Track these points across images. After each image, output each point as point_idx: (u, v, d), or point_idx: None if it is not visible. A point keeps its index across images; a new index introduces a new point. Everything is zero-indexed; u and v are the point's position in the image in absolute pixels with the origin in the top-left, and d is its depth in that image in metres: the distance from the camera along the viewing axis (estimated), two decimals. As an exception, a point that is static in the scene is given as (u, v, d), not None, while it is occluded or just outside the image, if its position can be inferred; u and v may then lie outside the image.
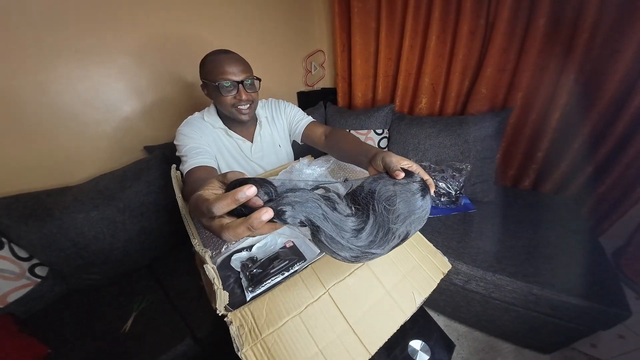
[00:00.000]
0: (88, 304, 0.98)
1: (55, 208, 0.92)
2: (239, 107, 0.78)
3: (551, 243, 1.05)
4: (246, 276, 0.47)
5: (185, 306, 0.94)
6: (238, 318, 0.40)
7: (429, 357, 0.63)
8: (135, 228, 1.04)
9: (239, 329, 0.39)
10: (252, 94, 0.80)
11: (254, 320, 0.40)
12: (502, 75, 1.30)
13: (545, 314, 0.93)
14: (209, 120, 0.85)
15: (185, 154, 0.74)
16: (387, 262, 0.52)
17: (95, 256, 0.98)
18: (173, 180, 0.62)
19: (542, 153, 1.33)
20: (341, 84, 1.82)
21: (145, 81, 1.20)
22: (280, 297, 0.43)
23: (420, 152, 1.36)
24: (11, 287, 0.90)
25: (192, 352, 0.85)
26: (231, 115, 0.81)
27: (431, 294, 0.52)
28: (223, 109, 0.80)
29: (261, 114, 0.94)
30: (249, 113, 0.82)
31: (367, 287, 0.48)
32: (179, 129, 0.80)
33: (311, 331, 0.41)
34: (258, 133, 0.92)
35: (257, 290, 0.45)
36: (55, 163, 1.04)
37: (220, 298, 0.37)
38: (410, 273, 0.52)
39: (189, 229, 0.43)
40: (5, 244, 0.90)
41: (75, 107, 1.04)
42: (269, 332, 0.39)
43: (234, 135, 0.88)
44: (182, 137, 0.77)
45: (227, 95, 0.75)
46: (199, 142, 0.77)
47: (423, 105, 1.53)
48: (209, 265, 0.35)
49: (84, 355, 0.80)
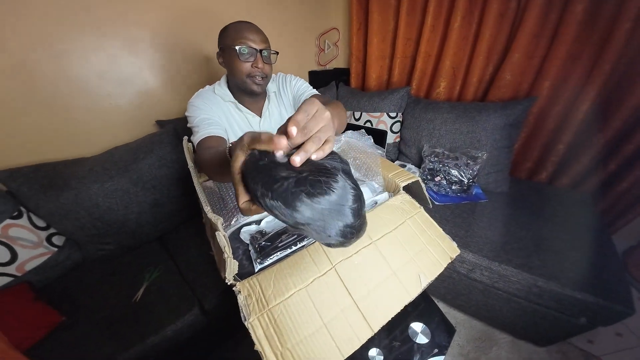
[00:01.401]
0: (101, 274, 1.02)
1: (72, 178, 0.94)
2: (254, 76, 0.78)
3: (561, 237, 1.03)
4: (255, 248, 0.47)
5: (194, 278, 0.98)
6: (246, 288, 0.41)
7: (428, 340, 0.64)
8: (147, 200, 1.07)
9: (246, 298, 0.40)
10: (268, 66, 0.80)
11: (261, 291, 0.41)
12: (530, 62, 1.22)
13: (548, 307, 0.93)
14: (219, 93, 0.85)
15: (196, 125, 0.74)
16: (394, 242, 0.52)
17: (109, 227, 1.01)
18: (185, 150, 0.63)
19: (563, 146, 1.27)
20: (355, 65, 1.76)
21: (159, 55, 1.19)
22: (287, 269, 0.44)
23: (435, 138, 1.32)
24: (29, 256, 0.94)
25: (199, 322, 0.89)
26: (243, 86, 0.80)
27: (433, 280, 0.52)
28: (237, 77, 0.79)
29: (270, 88, 0.92)
30: (262, 85, 0.82)
31: (373, 266, 0.48)
32: (190, 100, 0.80)
33: (317, 305, 0.42)
34: (267, 108, 0.91)
35: (266, 262, 0.45)
36: (72, 134, 1.07)
37: (230, 267, 0.38)
38: (417, 255, 0.52)
39: (201, 197, 0.43)
40: (24, 213, 0.93)
41: (90, 79, 1.05)
42: (275, 303, 0.40)
43: (243, 110, 0.87)
44: (193, 109, 0.78)
45: (244, 62, 0.75)
46: (210, 114, 0.78)
47: (441, 90, 1.47)
48: (221, 233, 0.36)
49: (95, 323, 0.84)
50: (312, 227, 0.27)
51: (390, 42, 1.59)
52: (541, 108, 1.27)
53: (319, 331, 0.40)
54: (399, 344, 0.62)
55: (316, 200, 0.26)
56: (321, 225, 0.27)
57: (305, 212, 0.26)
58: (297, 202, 0.25)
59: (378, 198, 0.63)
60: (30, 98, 0.95)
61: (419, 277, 0.49)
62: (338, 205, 0.27)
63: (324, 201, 0.26)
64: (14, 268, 0.91)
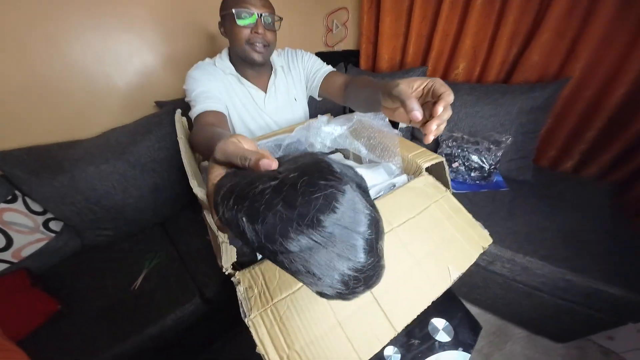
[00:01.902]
0: (101, 260, 0.98)
1: (66, 161, 0.90)
2: (253, 43, 0.71)
3: (589, 229, 0.95)
4: (257, 234, 0.41)
5: (195, 265, 0.94)
6: (247, 278, 0.34)
7: (450, 339, 0.57)
8: (146, 184, 1.02)
9: (247, 290, 0.33)
10: (270, 33, 0.73)
11: (264, 282, 0.34)
12: (560, 43, 1.12)
13: (573, 302, 0.87)
14: (220, 66, 0.78)
15: (194, 99, 0.68)
16: (418, 229, 0.45)
17: (107, 212, 0.97)
18: (176, 122, 0.56)
19: (593, 133, 1.17)
20: (365, 46, 1.66)
21: (158, 33, 1.13)
22: (295, 259, 0.37)
23: (453, 122, 1.23)
24: (25, 242, 0.90)
25: (200, 311, 0.85)
26: (243, 54, 0.73)
27: (464, 272, 0.45)
28: (237, 45, 0.72)
29: (277, 61, 0.85)
30: (264, 54, 0.74)
31: (394, 256, 0.41)
32: (188, 72, 0.74)
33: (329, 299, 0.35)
34: (272, 83, 0.83)
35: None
36: (67, 117, 1.03)
37: (227, 253, 0.31)
38: (444, 244, 0.45)
39: (188, 169, 0.37)
40: (19, 197, 0.90)
41: (86, 59, 1.01)
42: (281, 296, 0.34)
43: (246, 84, 0.80)
44: (191, 81, 0.71)
45: (242, 27, 0.69)
46: (208, 87, 0.71)
47: (460, 71, 1.37)
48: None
49: (93, 312, 0.81)
50: (295, 264, 0.18)
51: (404, 21, 1.49)
52: (572, 91, 1.17)
53: (333, 331, 0.34)
54: (418, 342, 0.56)
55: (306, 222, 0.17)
56: (307, 264, 0.18)
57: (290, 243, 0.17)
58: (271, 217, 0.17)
59: (396, 181, 0.56)
60: (24, 79, 0.91)
61: (448, 269, 0.43)
62: (342, 229, 0.18)
63: (328, 223, 0.17)
64: (9, 254, 0.88)
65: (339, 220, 0.17)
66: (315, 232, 0.17)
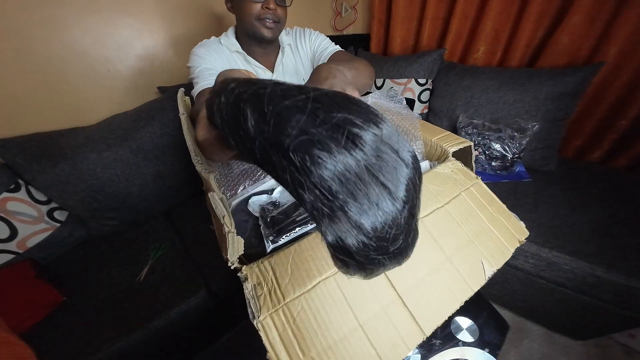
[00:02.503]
0: (106, 251, 0.97)
1: (67, 147, 0.88)
2: (263, 19, 0.68)
3: (622, 222, 0.88)
4: (266, 222, 0.36)
5: (201, 256, 0.91)
6: (255, 274, 0.30)
7: (475, 339, 0.53)
8: (150, 172, 0.99)
9: (255, 288, 0.29)
10: (281, 9, 0.70)
11: (275, 279, 0.30)
12: (593, 25, 1.02)
13: (601, 299, 0.81)
14: (225, 43, 0.75)
15: (197, 76, 0.66)
16: (448, 220, 0.40)
17: (111, 200, 0.95)
18: (178, 100, 0.52)
19: (627, 122, 1.08)
20: (376, 28, 1.57)
21: (159, 16, 1.08)
22: (309, 251, 0.32)
23: (473, 108, 1.15)
24: (30, 232, 0.89)
25: (206, 305, 0.82)
26: (252, 30, 0.70)
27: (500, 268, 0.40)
28: (245, 21, 0.70)
29: (284, 40, 0.81)
30: (274, 30, 0.71)
31: (421, 250, 0.36)
32: (192, 50, 0.72)
33: (349, 299, 0.31)
34: (280, 62, 0.81)
35: (280, 240, 0.34)
36: (69, 103, 1.01)
37: (233, 245, 0.27)
38: (477, 237, 0.40)
39: (190, 146, 0.32)
40: (22, 186, 0.88)
41: (85, 43, 0.98)
42: (294, 295, 0.29)
43: (252, 62, 0.77)
44: (195, 58, 0.69)
45: (253, 2, 0.66)
46: (213, 64, 0.69)
47: (480, 55, 1.28)
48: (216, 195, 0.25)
49: (97, 303, 0.79)
50: (313, 177, 0.13)
51: (419, 3, 1.39)
52: (605, 76, 1.07)
53: (353, 334, 0.29)
54: (439, 342, 0.52)
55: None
56: (331, 181, 0.13)
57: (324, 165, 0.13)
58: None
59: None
60: (23, 64, 0.89)
61: (482, 264, 0.37)
62: (386, 147, 0.14)
63: (369, 138, 0.13)
64: (14, 244, 0.87)
65: (383, 136, 0.14)
66: (354, 137, 0.13)
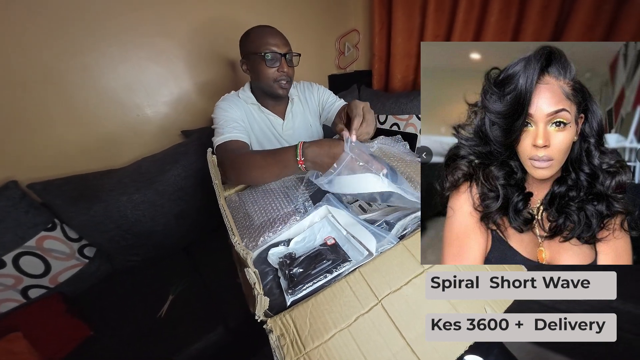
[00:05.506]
0: (129, 285, 1.01)
1: (101, 190, 0.95)
2: (279, 80, 0.80)
3: None
4: (285, 275, 0.42)
5: (219, 293, 0.94)
6: (279, 326, 0.35)
7: (486, 378, 0.54)
8: (173, 211, 1.06)
9: (279, 338, 0.34)
10: (292, 69, 0.83)
11: (296, 331, 0.34)
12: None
13: (621, 329, 0.77)
14: (243, 97, 0.88)
15: (221, 126, 0.77)
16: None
17: (137, 238, 1.01)
18: (210, 165, 0.59)
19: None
20: (377, 65, 1.68)
21: (183, 64, 1.20)
22: (325, 304, 0.37)
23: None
24: (62, 267, 0.95)
25: (223, 341, 0.85)
26: (270, 90, 0.83)
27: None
28: (263, 83, 0.81)
29: (293, 92, 0.94)
30: (287, 89, 0.84)
31: (427, 300, 0.40)
32: (217, 103, 0.84)
33: (362, 348, 0.35)
34: (290, 110, 0.93)
35: (298, 293, 0.39)
36: (102, 146, 1.08)
37: (261, 304, 0.32)
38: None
39: (228, 223, 0.39)
40: (57, 225, 0.95)
41: (117, 90, 1.06)
42: (313, 346, 0.33)
43: (265, 111, 0.90)
44: (219, 110, 0.81)
45: (270, 67, 0.77)
46: (234, 116, 0.80)
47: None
48: (251, 270, 0.31)
49: (122, 338, 0.83)
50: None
51: (416, 41, 1.50)
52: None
53: (367, 382, 0.33)
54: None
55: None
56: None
57: None
58: None
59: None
60: (61, 109, 0.97)
61: (485, 309, 0.41)
62: None
63: None
64: (47, 280, 0.92)
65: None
66: None
